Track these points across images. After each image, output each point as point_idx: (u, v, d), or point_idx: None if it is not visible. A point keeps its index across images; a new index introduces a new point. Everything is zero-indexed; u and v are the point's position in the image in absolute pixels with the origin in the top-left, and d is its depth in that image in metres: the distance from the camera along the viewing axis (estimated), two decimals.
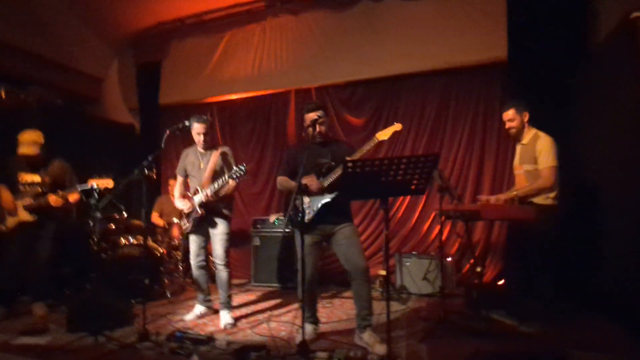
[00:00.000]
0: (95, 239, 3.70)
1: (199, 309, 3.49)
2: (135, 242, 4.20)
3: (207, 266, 3.52)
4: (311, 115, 2.84)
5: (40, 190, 3.56)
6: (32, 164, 3.61)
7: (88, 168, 3.60)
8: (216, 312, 3.47)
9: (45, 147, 3.64)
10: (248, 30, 5.47)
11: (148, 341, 2.75)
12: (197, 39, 5.73)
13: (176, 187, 3.52)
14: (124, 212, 4.35)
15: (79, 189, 3.49)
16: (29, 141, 3.54)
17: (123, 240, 4.18)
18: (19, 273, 3.53)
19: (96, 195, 3.30)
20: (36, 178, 3.60)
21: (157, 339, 2.78)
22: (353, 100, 5.12)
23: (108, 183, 3.38)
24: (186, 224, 3.39)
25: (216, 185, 3.16)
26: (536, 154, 3.00)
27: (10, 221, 3.53)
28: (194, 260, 3.44)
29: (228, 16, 5.47)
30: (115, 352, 2.64)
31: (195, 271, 3.46)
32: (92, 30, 5.41)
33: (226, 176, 3.10)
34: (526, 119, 3.12)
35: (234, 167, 3.04)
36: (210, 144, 3.42)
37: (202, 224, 3.35)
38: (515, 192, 3.01)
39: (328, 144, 2.91)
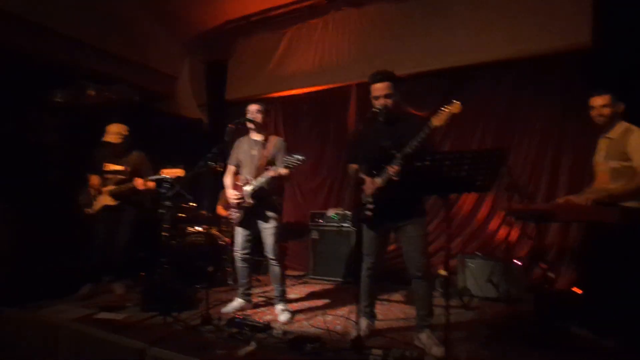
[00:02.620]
0: (166, 227, 3.96)
1: (238, 302, 3.47)
2: (201, 230, 4.45)
3: (251, 259, 3.49)
4: (377, 88, 2.63)
5: (122, 177, 3.92)
6: (115, 153, 3.98)
7: (162, 160, 3.87)
8: (255, 306, 3.57)
9: (128, 139, 4.02)
10: (310, 25, 5.51)
11: (210, 325, 2.90)
12: (261, 35, 5.90)
13: (227, 177, 3.48)
14: (191, 202, 4.60)
15: (153, 179, 3.78)
16: (115, 131, 3.95)
17: (190, 229, 4.45)
18: (103, 253, 3.90)
19: (167, 185, 3.53)
20: (120, 167, 3.97)
21: (218, 324, 2.92)
22: (415, 92, 4.93)
23: (179, 172, 3.60)
24: (235, 214, 3.35)
25: (269, 175, 3.09)
26: (628, 150, 2.68)
27: (96, 205, 3.91)
28: (238, 252, 3.41)
29: (291, 12, 5.55)
30: (180, 332, 2.82)
31: (238, 263, 3.44)
32: (167, 31, 5.77)
33: (281, 164, 3.03)
34: (621, 110, 2.80)
35: (288, 156, 2.96)
36: (264, 130, 3.40)
37: (252, 216, 3.31)
38: (607, 192, 2.68)
39: (395, 122, 2.65)
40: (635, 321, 2.60)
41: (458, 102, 2.35)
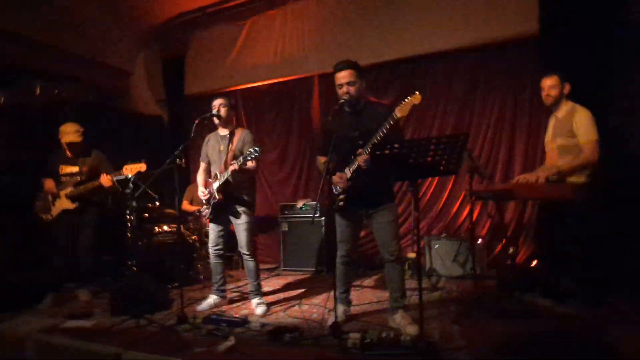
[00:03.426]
0: (131, 227, 3.84)
1: (213, 298, 3.44)
2: (168, 229, 4.34)
3: (224, 255, 3.48)
4: (340, 76, 2.64)
5: (79, 179, 3.76)
6: (74, 153, 3.80)
7: (121, 160, 3.72)
8: (230, 302, 3.56)
9: (85, 138, 3.83)
10: (269, 16, 5.44)
11: (186, 323, 2.86)
12: (218, 28, 5.76)
13: (199, 174, 3.50)
14: (157, 201, 4.49)
15: (118, 178, 3.64)
16: (73, 130, 3.76)
17: (157, 229, 4.34)
18: (66, 259, 3.73)
19: (131, 185, 3.42)
20: (75, 169, 3.80)
21: (194, 322, 2.89)
22: (377, 82, 5.03)
23: (141, 167, 3.50)
24: (206, 210, 3.36)
25: (231, 169, 3.07)
26: (574, 128, 2.89)
27: (55, 210, 3.72)
28: (211, 248, 3.40)
29: (248, 3, 5.46)
30: (156, 334, 2.76)
31: (212, 259, 3.41)
32: (119, 25, 5.50)
33: (240, 159, 3.01)
34: (566, 90, 3.00)
35: (249, 149, 2.98)
36: (230, 124, 3.39)
37: (222, 211, 3.31)
38: (556, 169, 2.88)
39: (362, 111, 2.70)
40: (588, 287, 2.84)
41: (418, 93, 2.42)
